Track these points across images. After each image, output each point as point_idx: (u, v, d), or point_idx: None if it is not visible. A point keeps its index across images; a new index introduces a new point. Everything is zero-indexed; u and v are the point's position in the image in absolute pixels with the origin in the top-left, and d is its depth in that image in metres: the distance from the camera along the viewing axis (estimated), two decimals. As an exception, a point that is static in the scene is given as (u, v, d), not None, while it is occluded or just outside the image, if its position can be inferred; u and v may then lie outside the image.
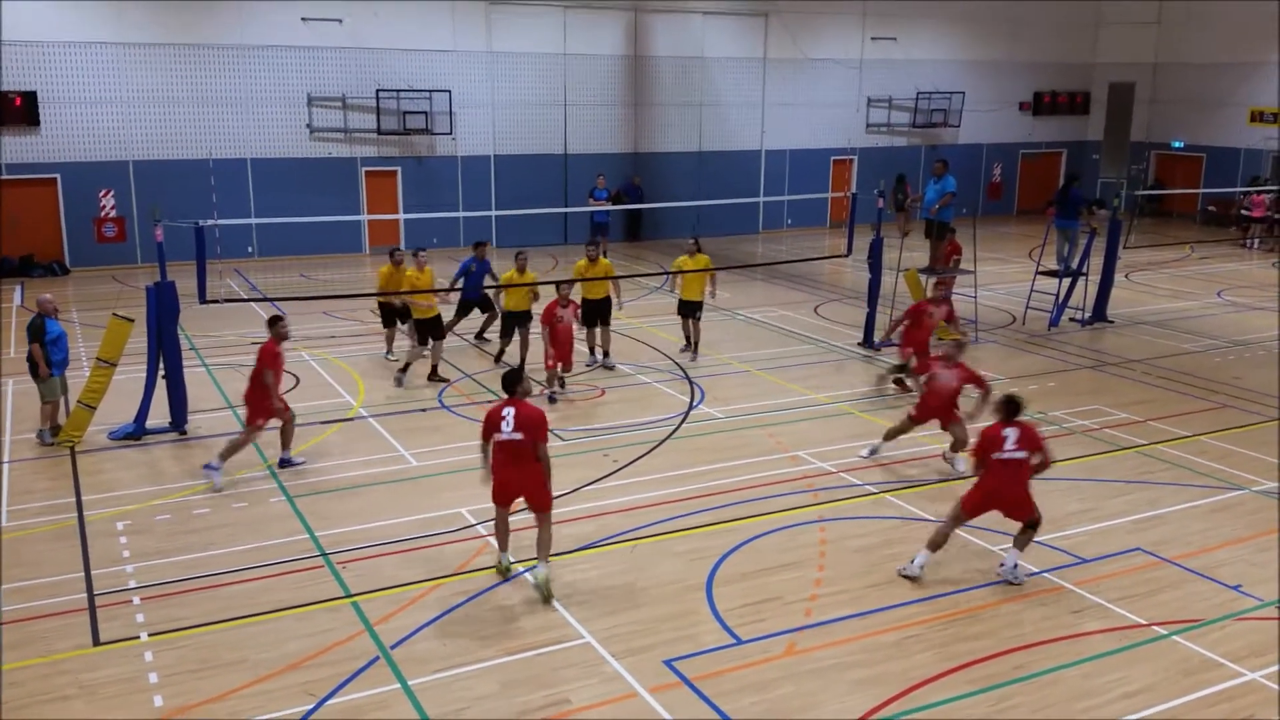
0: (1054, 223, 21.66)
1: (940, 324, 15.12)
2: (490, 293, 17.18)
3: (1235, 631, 8.73)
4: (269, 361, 11.95)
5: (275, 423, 12.22)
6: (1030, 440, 9.42)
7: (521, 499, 9.31)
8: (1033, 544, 10.27)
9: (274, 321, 12.29)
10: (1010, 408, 9.50)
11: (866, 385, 15.88)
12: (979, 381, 11.74)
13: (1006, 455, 9.32)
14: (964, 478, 11.47)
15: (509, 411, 9.04)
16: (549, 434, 9.20)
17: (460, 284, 17.12)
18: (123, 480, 11.91)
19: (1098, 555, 10.11)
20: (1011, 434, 9.37)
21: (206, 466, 11.75)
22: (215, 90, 25.36)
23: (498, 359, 16.61)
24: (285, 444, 12.35)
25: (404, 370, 15.74)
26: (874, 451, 12.69)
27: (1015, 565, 9.60)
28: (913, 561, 9.66)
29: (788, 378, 16.22)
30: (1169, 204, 35.52)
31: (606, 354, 16.72)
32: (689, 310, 17.24)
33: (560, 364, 14.90)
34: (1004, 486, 9.39)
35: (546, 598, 9.10)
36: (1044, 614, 8.99)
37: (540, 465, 9.14)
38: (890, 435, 12.57)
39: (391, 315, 17.05)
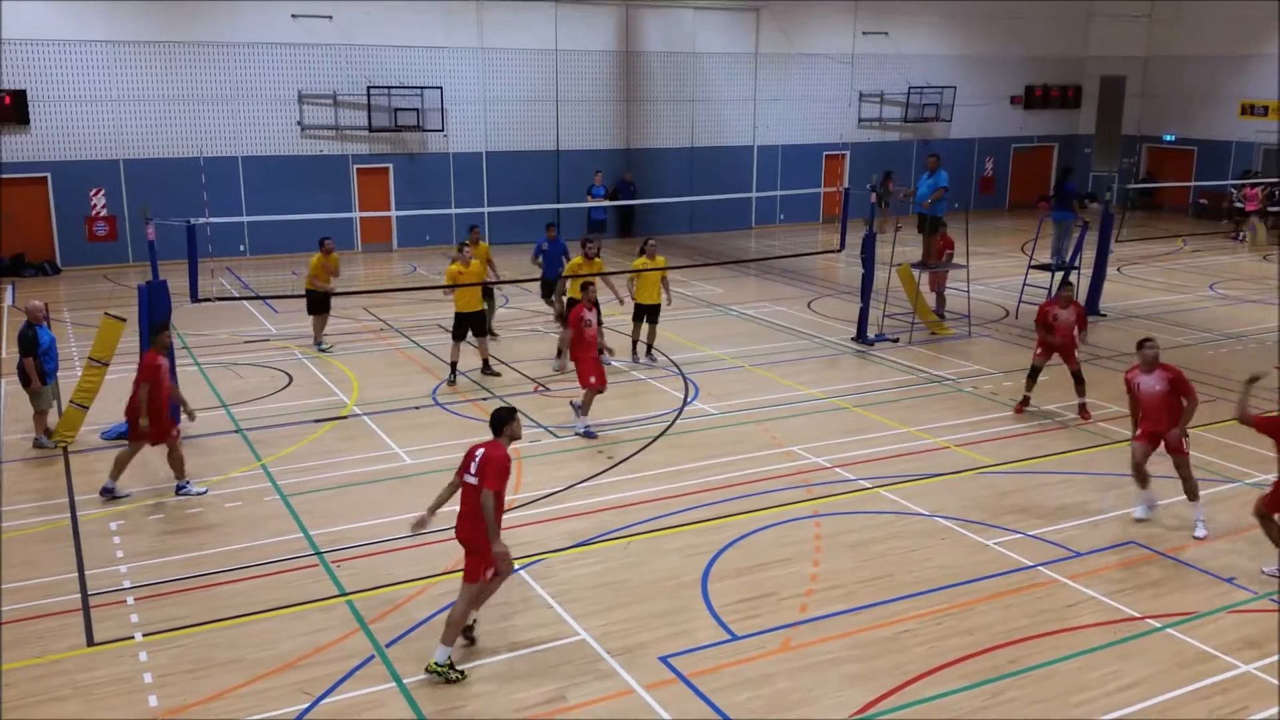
0: (1050, 216, 21.72)
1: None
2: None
3: (1229, 624, 8.76)
4: (147, 374, 11.06)
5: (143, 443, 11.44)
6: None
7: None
8: (1026, 538, 10.33)
9: (157, 329, 11.49)
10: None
11: (860, 380, 15.91)
12: (1187, 390, 10.41)
13: None
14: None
15: (478, 453, 7.99)
16: (505, 482, 7.91)
17: (540, 262, 18.24)
18: (116, 480, 11.87)
19: (1092, 549, 10.13)
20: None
21: (180, 490, 11.42)
22: (206, 88, 25.31)
23: (484, 368, 16.21)
24: (117, 472, 11.28)
25: (485, 365, 15.99)
26: (1150, 508, 10.91)
27: None
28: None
29: (782, 373, 16.23)
30: (1160, 197, 35.64)
31: (602, 350, 16.67)
32: (644, 314, 16.58)
33: (596, 380, 13.35)
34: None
35: (447, 679, 7.82)
36: (1038, 608, 9.00)
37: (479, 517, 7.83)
38: (1141, 477, 10.81)
39: (316, 304, 17.43)
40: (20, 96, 23.50)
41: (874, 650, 8.32)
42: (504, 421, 8.15)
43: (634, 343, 16.93)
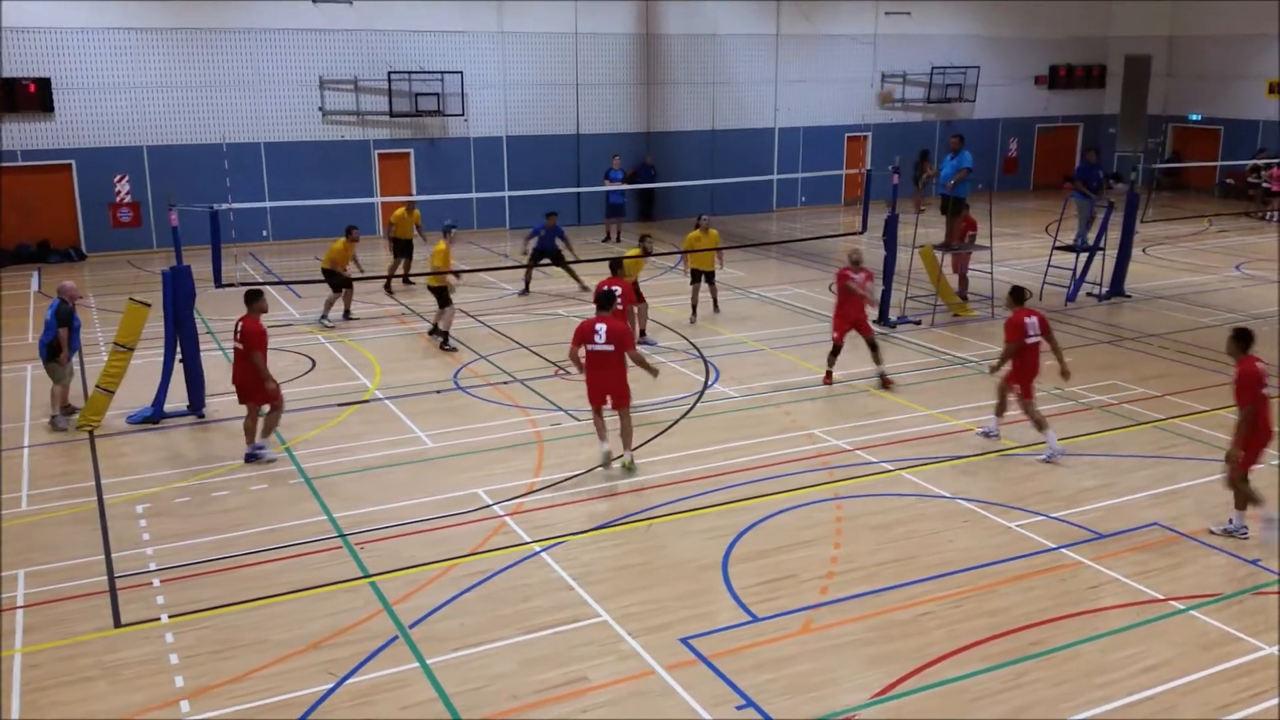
0: (1072, 196, 21.57)
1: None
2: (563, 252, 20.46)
3: (1254, 606, 8.70)
4: (258, 342, 11.67)
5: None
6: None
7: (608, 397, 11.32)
8: (1048, 520, 10.27)
9: (254, 296, 12.02)
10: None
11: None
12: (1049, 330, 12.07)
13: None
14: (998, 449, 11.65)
15: (601, 326, 11.02)
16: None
17: (533, 242, 20.55)
18: (142, 463, 11.99)
19: (1115, 530, 10.08)
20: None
21: (252, 453, 11.92)
22: (227, 74, 25.41)
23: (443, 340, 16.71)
24: (266, 430, 12.00)
25: (445, 339, 16.60)
26: (990, 433, 12.53)
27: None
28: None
29: (803, 356, 16.19)
30: (1186, 177, 35.26)
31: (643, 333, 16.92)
32: (700, 277, 18.36)
33: None
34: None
35: (630, 471, 11.36)
36: (1061, 589, 8.97)
37: (624, 369, 11.20)
38: (1000, 409, 12.43)
39: (337, 284, 18.37)
40: (44, 84, 23.64)
41: (895, 632, 8.32)
42: (611, 300, 11.75)
43: (694, 308, 18.51)
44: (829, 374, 14.80)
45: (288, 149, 26.22)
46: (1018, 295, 12.09)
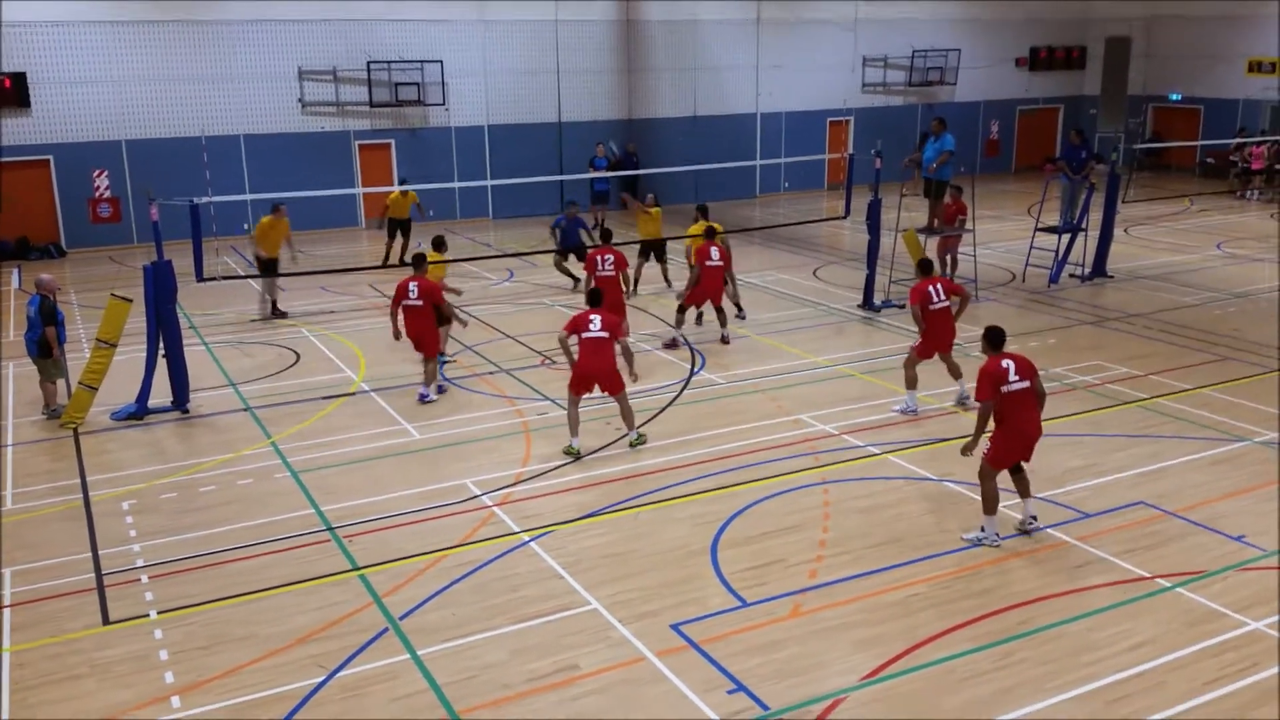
0: (1059, 178, 21.62)
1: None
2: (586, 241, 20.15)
3: (1238, 582, 8.77)
4: (439, 295, 13.72)
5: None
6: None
7: (597, 386, 11.71)
8: (1034, 500, 10.32)
9: (421, 259, 14.05)
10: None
11: (867, 347, 15.91)
12: (958, 291, 13.17)
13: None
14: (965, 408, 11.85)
15: (595, 317, 11.61)
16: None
17: (557, 236, 19.95)
18: (127, 460, 11.94)
19: (1100, 510, 10.14)
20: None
21: (421, 397, 13.53)
22: (206, 67, 25.21)
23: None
24: (428, 380, 13.74)
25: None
26: (909, 408, 12.88)
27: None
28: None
29: (788, 341, 16.21)
30: (1167, 157, 35.38)
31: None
32: (650, 250, 19.33)
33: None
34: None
35: (642, 441, 11.96)
36: (1047, 569, 9.03)
37: (613, 357, 11.64)
38: (912, 383, 12.88)
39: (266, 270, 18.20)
40: (20, 79, 23.43)
41: (883, 614, 8.36)
42: (601, 297, 12.39)
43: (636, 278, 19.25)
44: (675, 340, 16.00)
45: (267, 141, 26.08)
46: (924, 267, 13.51)
